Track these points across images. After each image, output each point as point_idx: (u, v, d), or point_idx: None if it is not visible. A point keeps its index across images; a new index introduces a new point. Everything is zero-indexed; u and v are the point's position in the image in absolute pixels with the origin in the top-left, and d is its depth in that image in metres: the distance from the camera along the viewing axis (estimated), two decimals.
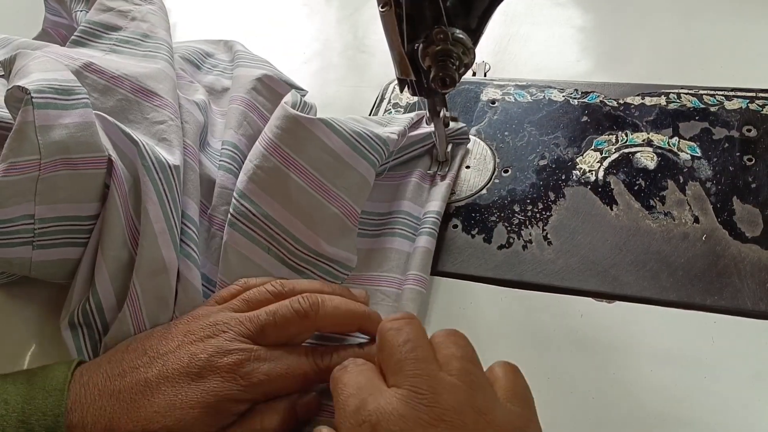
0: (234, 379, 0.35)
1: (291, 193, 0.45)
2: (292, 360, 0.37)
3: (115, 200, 0.42)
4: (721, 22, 0.62)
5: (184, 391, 0.35)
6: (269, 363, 0.37)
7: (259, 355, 0.37)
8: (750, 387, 0.38)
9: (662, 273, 0.44)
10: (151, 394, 0.35)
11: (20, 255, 0.42)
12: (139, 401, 0.35)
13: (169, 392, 0.35)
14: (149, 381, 0.35)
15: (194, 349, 0.37)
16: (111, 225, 0.42)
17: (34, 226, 0.41)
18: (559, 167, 0.52)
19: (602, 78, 0.58)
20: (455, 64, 0.40)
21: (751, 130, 0.51)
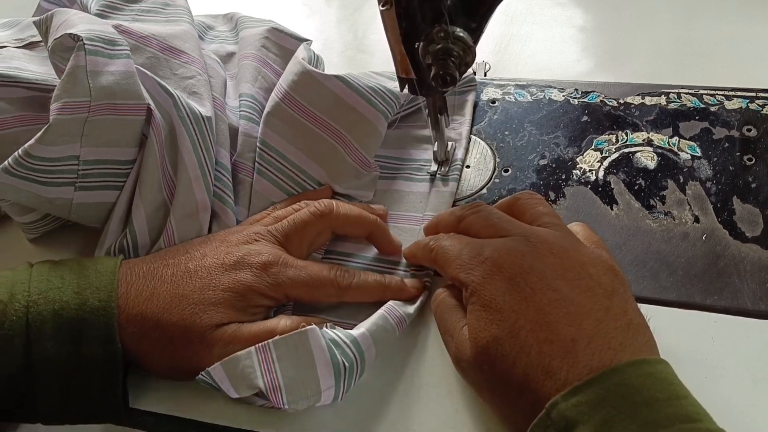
0: (261, 276, 0.41)
1: (310, 142, 0.50)
2: (315, 271, 0.42)
3: (153, 146, 0.45)
4: (721, 22, 0.62)
5: (218, 277, 0.40)
6: (295, 270, 0.42)
7: (287, 261, 0.42)
8: (750, 387, 0.38)
9: (662, 272, 0.44)
10: (190, 278, 0.40)
11: (63, 195, 0.44)
12: (179, 282, 0.40)
13: (205, 277, 0.40)
14: (189, 269, 0.41)
15: (231, 249, 0.42)
16: (148, 169, 0.45)
17: (78, 167, 0.44)
18: (559, 167, 0.52)
19: (602, 78, 0.58)
20: (455, 63, 0.40)
21: (751, 129, 0.51)
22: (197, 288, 0.40)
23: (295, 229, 0.44)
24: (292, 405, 0.37)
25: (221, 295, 0.40)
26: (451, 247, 0.40)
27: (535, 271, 0.36)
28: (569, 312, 0.34)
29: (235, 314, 0.40)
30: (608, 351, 0.33)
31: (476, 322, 0.36)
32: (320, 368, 0.37)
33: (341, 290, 0.42)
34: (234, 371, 0.37)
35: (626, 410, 0.30)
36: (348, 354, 0.38)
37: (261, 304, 0.41)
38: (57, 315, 0.37)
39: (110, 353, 0.38)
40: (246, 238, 0.43)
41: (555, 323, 0.34)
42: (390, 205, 0.51)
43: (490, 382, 0.36)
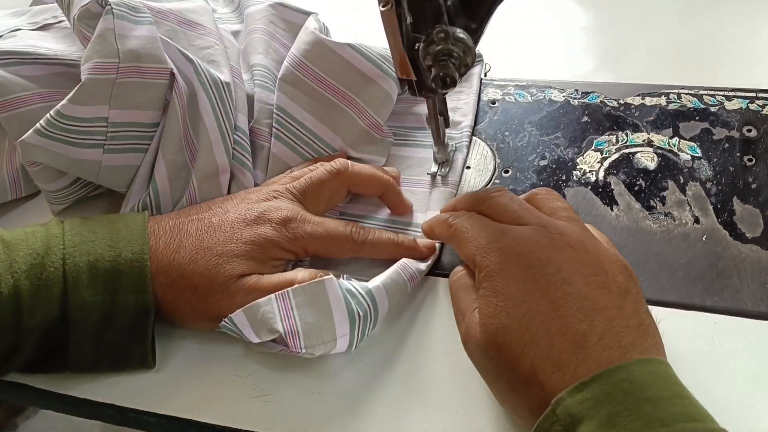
0: (281, 230, 0.43)
1: (324, 109, 0.52)
2: (332, 227, 0.45)
3: (175, 110, 0.47)
4: (721, 22, 0.62)
5: (240, 231, 0.43)
6: (312, 225, 0.44)
7: (305, 217, 0.44)
8: (750, 387, 0.38)
9: (662, 273, 0.44)
10: (213, 231, 0.43)
11: (92, 157, 0.47)
12: (203, 235, 0.43)
13: (228, 230, 0.43)
14: (213, 223, 0.43)
15: (251, 206, 0.45)
16: (171, 132, 0.47)
17: (107, 129, 0.46)
18: (559, 167, 0.52)
19: (602, 78, 0.58)
20: (456, 64, 0.40)
21: (752, 130, 0.51)
22: (220, 241, 0.42)
23: (312, 186, 0.46)
24: (309, 350, 0.39)
25: (243, 247, 0.42)
26: (470, 227, 0.40)
27: (553, 264, 0.36)
28: (583, 307, 0.34)
29: (255, 266, 0.42)
30: (618, 349, 0.33)
31: (487, 307, 0.36)
32: (336, 316, 0.39)
33: (357, 245, 0.44)
34: (255, 317, 0.40)
35: (631, 407, 0.30)
36: (363, 304, 0.40)
37: (280, 257, 0.43)
38: (92, 266, 0.40)
39: (143, 302, 0.40)
40: (265, 196, 0.45)
41: (567, 317, 0.34)
42: (401, 170, 0.53)
43: (497, 369, 0.36)
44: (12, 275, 0.39)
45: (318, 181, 0.47)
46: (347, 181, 0.48)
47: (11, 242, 0.40)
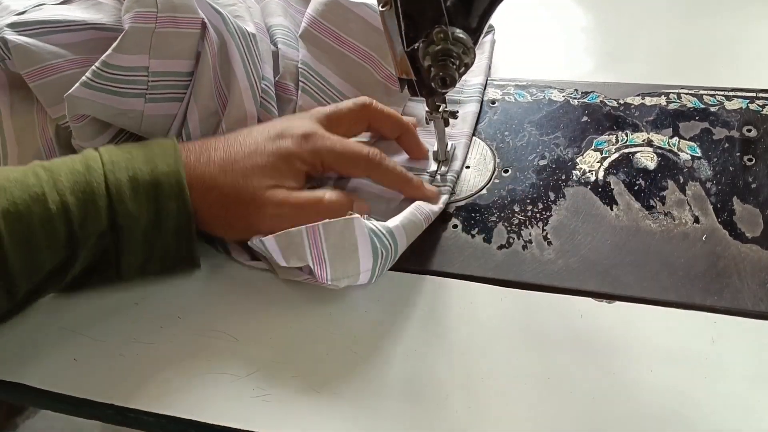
0: (301, 143, 0.46)
1: (342, 64, 0.56)
2: (350, 145, 0.48)
3: (207, 59, 0.49)
4: (721, 22, 0.62)
5: (264, 145, 0.46)
6: (331, 141, 0.47)
7: (324, 134, 0.47)
8: (750, 387, 0.38)
9: (662, 273, 0.44)
10: (240, 145, 0.46)
11: (134, 107, 0.48)
12: (230, 149, 0.46)
13: (252, 144, 0.46)
14: (238, 139, 0.46)
15: (275, 123, 0.48)
16: (203, 80, 0.49)
17: (148, 78, 0.48)
18: (559, 167, 0.52)
19: (602, 78, 0.58)
20: (455, 64, 0.40)
21: (751, 130, 0.51)
22: (246, 153, 0.45)
23: (336, 112, 0.49)
24: (333, 281, 0.43)
25: (267, 159, 0.45)
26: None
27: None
28: None
29: (279, 176, 0.45)
30: None
31: None
32: (362, 252, 0.42)
33: (371, 166, 0.48)
34: (286, 245, 0.42)
35: None
36: (385, 243, 0.43)
37: (301, 169, 0.46)
38: (133, 179, 0.42)
39: (183, 206, 0.43)
40: (289, 119, 0.50)
41: None
42: None
43: None
44: (58, 193, 0.41)
45: (344, 108, 0.50)
46: (370, 114, 0.50)
47: (52, 167, 0.42)
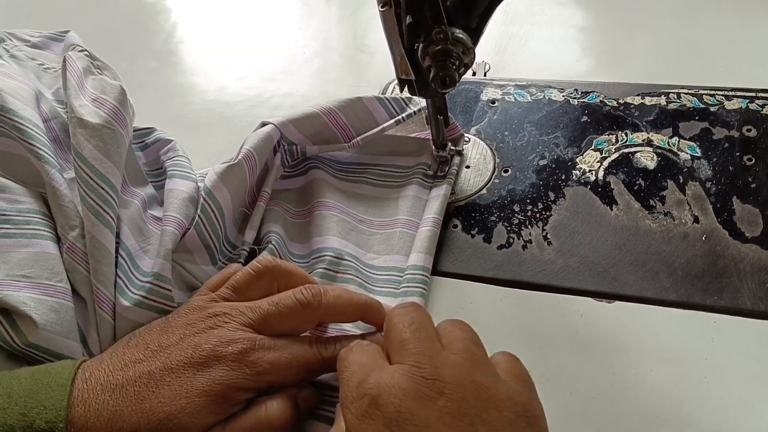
0: (239, 368, 0.36)
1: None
2: (296, 349, 0.38)
3: None
4: (721, 22, 0.62)
5: (189, 380, 0.35)
6: (274, 352, 0.37)
7: (263, 344, 0.37)
8: (750, 387, 0.38)
9: (662, 273, 0.44)
10: (155, 385, 0.35)
11: None
12: (143, 393, 0.35)
13: (173, 383, 0.35)
14: (153, 373, 0.35)
15: (197, 340, 0.37)
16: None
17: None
18: (559, 167, 0.52)
19: (602, 78, 0.58)
20: (455, 64, 0.40)
21: (751, 130, 0.51)
22: (166, 399, 0.34)
23: (278, 315, 0.38)
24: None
25: (196, 401, 0.34)
26: (351, 364, 0.34)
27: (415, 419, 0.30)
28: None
29: (214, 418, 0.35)
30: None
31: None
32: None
33: (325, 362, 0.38)
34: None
35: None
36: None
37: (243, 398, 0.36)
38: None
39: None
40: (212, 322, 0.38)
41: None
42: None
43: None
44: None
45: (286, 311, 0.38)
46: (321, 313, 0.40)
47: None
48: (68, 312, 0.39)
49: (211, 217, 0.47)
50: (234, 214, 0.49)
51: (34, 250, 0.41)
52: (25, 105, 0.48)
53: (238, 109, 0.62)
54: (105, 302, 0.41)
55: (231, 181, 0.48)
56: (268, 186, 0.51)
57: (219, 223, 0.47)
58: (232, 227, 0.50)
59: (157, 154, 0.53)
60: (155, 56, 0.70)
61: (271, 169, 0.52)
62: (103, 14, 0.61)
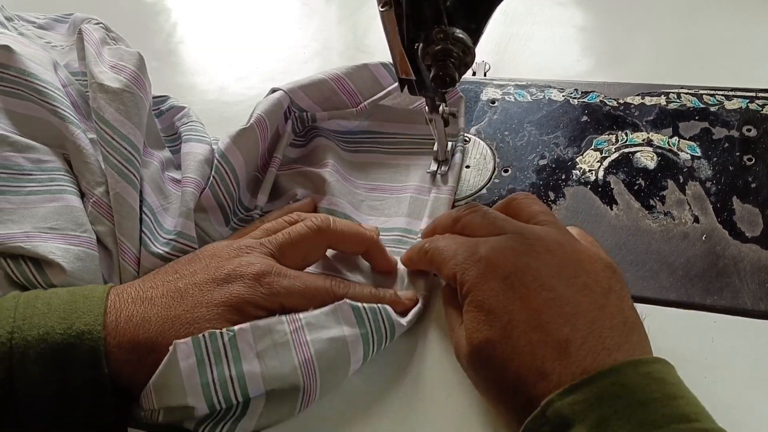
0: (255, 287, 0.39)
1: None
2: (310, 281, 0.41)
3: None
4: (721, 22, 0.62)
5: (210, 293, 0.39)
6: (289, 279, 0.40)
7: (280, 270, 0.40)
8: (750, 387, 0.38)
9: (662, 273, 0.44)
10: (181, 297, 0.38)
11: None
12: (169, 303, 0.38)
13: (197, 294, 0.39)
14: (179, 288, 0.39)
15: (221, 263, 0.40)
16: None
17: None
18: (559, 167, 0.52)
19: (602, 78, 0.58)
20: (455, 64, 0.40)
21: (751, 129, 0.51)
22: (189, 307, 0.38)
23: (290, 243, 0.43)
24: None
25: (215, 311, 0.38)
26: (446, 247, 0.40)
27: (531, 270, 0.36)
28: (564, 311, 0.34)
29: (228, 324, 0.38)
30: (603, 351, 0.33)
31: (470, 322, 0.37)
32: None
33: (337, 299, 0.41)
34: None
35: (622, 410, 0.30)
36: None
37: (256, 315, 0.39)
38: (42, 340, 0.35)
39: (96, 379, 0.35)
40: (236, 252, 0.41)
41: (549, 323, 0.34)
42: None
43: (485, 381, 0.36)
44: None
45: (297, 238, 0.43)
46: (329, 239, 0.44)
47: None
48: (93, 260, 0.43)
49: (225, 178, 0.49)
50: (247, 178, 0.51)
51: (59, 204, 0.44)
52: (46, 69, 0.50)
53: (238, 109, 0.62)
54: (128, 254, 0.44)
55: (244, 145, 0.50)
56: (279, 152, 0.53)
57: (233, 185, 0.49)
58: (246, 191, 0.52)
59: (171, 120, 0.56)
60: (155, 56, 0.70)
61: (282, 135, 0.54)
62: (103, 14, 0.61)
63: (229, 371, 0.36)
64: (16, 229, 0.42)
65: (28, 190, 0.44)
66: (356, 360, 0.39)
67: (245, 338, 0.37)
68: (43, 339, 0.35)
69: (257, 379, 0.36)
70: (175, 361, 0.36)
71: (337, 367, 0.39)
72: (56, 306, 0.37)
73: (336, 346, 0.38)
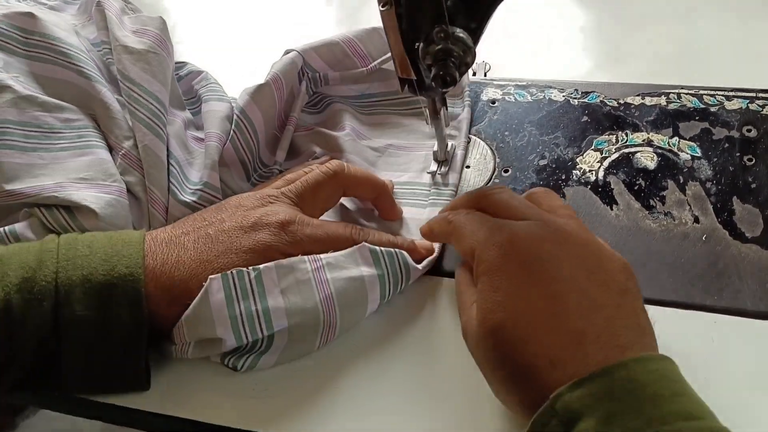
0: (280, 234, 0.42)
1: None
2: (332, 229, 0.44)
3: None
4: (721, 22, 0.62)
5: (238, 239, 0.42)
6: (312, 227, 0.43)
7: (303, 219, 0.43)
8: (750, 387, 0.38)
9: (662, 273, 0.44)
10: (211, 242, 0.41)
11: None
12: (200, 248, 0.41)
13: (226, 241, 0.41)
14: (209, 234, 0.42)
15: (247, 213, 0.43)
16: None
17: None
18: (559, 167, 0.52)
19: (602, 78, 0.58)
20: (455, 63, 0.40)
21: (751, 130, 0.51)
22: (220, 252, 0.41)
23: (308, 188, 0.46)
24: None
25: (243, 257, 0.41)
26: (469, 223, 0.41)
27: (553, 258, 0.36)
28: (582, 305, 0.35)
29: None
30: (615, 348, 0.33)
31: (485, 302, 0.36)
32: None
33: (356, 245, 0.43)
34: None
35: (631, 405, 0.30)
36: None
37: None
38: (86, 280, 0.38)
39: (136, 317, 0.39)
40: (261, 201, 0.44)
41: (566, 314, 0.34)
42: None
43: (494, 363, 0.36)
44: (2, 289, 0.38)
45: (314, 183, 0.46)
46: (343, 182, 0.47)
47: (4, 257, 0.39)
48: (124, 208, 0.45)
49: (245, 133, 0.51)
50: (266, 135, 0.53)
51: (89, 158, 0.47)
52: (69, 34, 0.52)
53: None
54: (158, 203, 0.47)
55: (261, 101, 0.52)
56: (295, 111, 0.55)
57: (253, 140, 0.51)
58: (265, 148, 0.53)
59: (190, 84, 0.58)
60: None
61: (297, 96, 0.56)
62: None
63: (255, 306, 0.39)
64: (48, 181, 0.45)
65: (59, 147, 0.47)
66: (373, 299, 0.42)
67: (270, 275, 0.40)
68: (87, 279, 0.38)
69: (281, 314, 0.39)
70: (206, 296, 0.39)
71: (355, 305, 0.42)
72: (97, 249, 0.40)
73: (354, 285, 0.41)
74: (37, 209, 0.44)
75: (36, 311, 0.38)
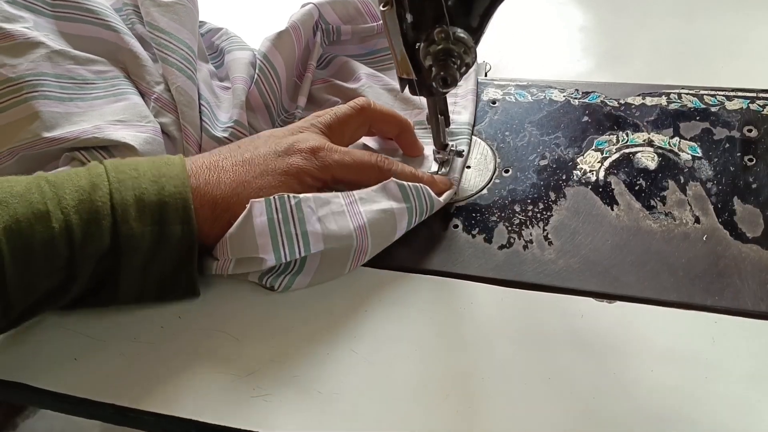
0: (310, 159, 0.46)
1: None
2: (358, 156, 0.48)
3: None
4: (722, 22, 0.62)
5: (273, 162, 0.46)
6: (340, 154, 0.47)
7: (331, 147, 0.47)
8: (750, 387, 0.38)
9: (663, 273, 0.44)
10: (249, 165, 0.45)
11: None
12: (238, 170, 0.45)
13: (261, 164, 0.46)
14: (246, 158, 0.46)
15: (280, 140, 0.47)
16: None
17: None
18: (559, 167, 0.52)
19: (603, 78, 0.58)
20: (456, 63, 0.40)
21: (752, 130, 0.51)
22: (257, 174, 0.45)
23: (337, 120, 0.49)
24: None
25: (279, 178, 0.45)
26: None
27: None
28: None
29: (289, 190, 0.45)
30: None
31: None
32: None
33: (382, 173, 0.47)
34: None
35: None
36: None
37: (312, 185, 0.46)
38: (139, 200, 0.41)
39: (187, 232, 0.42)
40: (292, 131, 0.48)
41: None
42: None
43: None
44: (62, 211, 0.40)
45: (343, 116, 0.50)
46: (370, 116, 0.51)
47: (56, 182, 0.41)
48: (159, 145, 0.49)
49: (268, 77, 0.55)
50: (287, 82, 0.56)
51: (123, 103, 0.50)
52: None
53: None
54: (192, 139, 0.51)
55: (282, 47, 0.55)
56: (312, 59, 0.58)
57: (276, 85, 0.55)
58: (286, 95, 0.57)
59: (210, 41, 0.61)
60: None
61: (312, 48, 0.59)
62: None
63: (294, 229, 0.42)
64: (87, 125, 0.48)
65: (94, 96, 0.50)
66: (401, 228, 0.46)
67: (308, 204, 0.43)
68: (140, 199, 0.42)
69: (319, 238, 0.43)
70: (250, 218, 0.42)
71: (385, 233, 0.45)
72: (144, 171, 0.43)
73: (385, 216, 0.45)
74: (77, 152, 0.47)
75: (95, 230, 0.40)
